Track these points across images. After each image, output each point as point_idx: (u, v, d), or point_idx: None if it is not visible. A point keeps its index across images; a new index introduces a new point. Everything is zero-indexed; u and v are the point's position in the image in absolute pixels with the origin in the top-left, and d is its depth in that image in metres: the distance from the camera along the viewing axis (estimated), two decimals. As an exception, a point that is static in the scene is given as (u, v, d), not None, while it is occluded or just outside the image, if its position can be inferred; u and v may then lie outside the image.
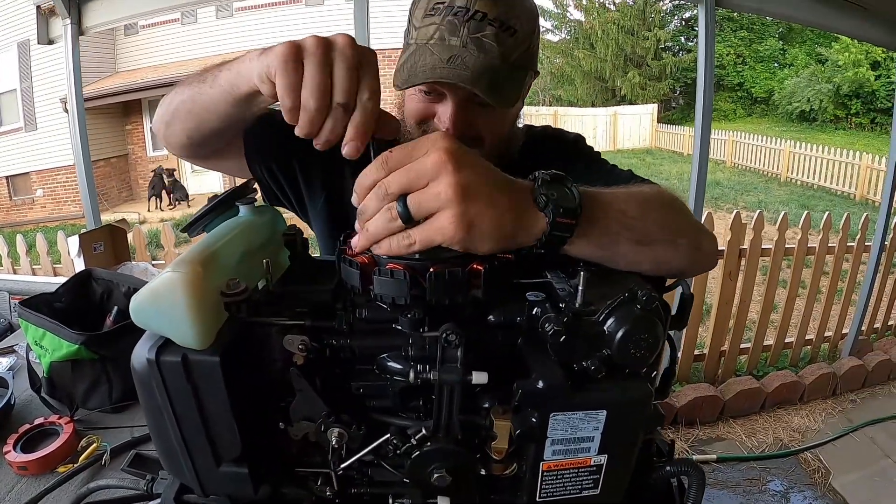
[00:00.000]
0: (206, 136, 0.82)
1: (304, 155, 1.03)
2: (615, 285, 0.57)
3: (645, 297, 0.50)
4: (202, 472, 0.61)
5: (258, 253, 0.64)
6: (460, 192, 0.51)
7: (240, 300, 0.53)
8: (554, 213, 0.56)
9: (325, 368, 0.58)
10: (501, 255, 0.57)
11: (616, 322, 0.51)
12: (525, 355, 0.54)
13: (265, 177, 1.04)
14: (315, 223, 1.12)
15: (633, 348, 0.51)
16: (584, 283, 0.52)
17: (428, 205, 0.52)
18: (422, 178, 0.52)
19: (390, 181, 0.52)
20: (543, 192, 0.56)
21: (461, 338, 0.49)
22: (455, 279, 0.52)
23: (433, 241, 0.52)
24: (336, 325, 0.57)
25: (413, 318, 0.52)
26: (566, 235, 0.58)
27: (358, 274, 0.54)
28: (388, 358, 0.56)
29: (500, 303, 0.56)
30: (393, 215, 0.52)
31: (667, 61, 20.09)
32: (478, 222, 0.52)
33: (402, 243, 0.53)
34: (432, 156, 0.51)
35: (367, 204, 0.54)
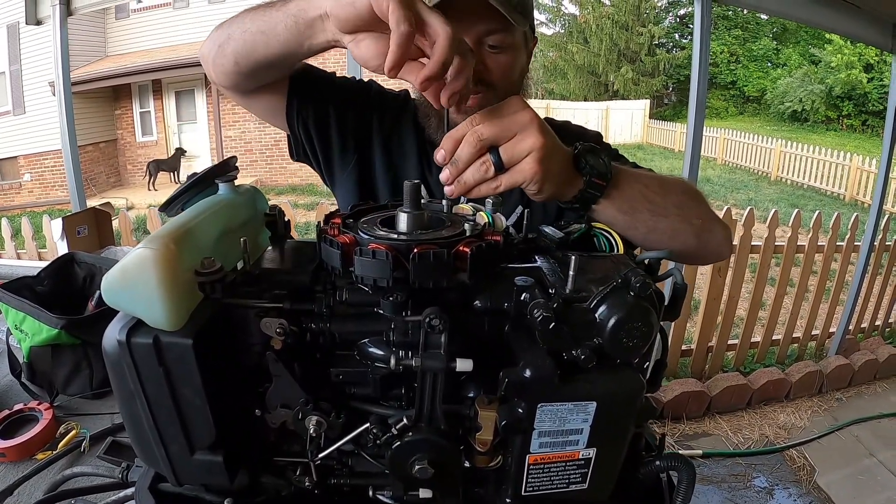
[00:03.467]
0: (254, 64, 0.83)
1: (342, 115, 1.05)
2: (608, 272, 0.55)
3: (639, 284, 0.48)
4: (176, 461, 0.59)
5: (237, 232, 0.61)
6: (545, 144, 0.62)
7: (214, 280, 0.51)
8: (590, 173, 0.69)
9: (303, 353, 0.56)
10: (489, 236, 0.55)
11: (608, 309, 0.49)
12: (512, 343, 0.52)
13: (298, 128, 1.03)
14: (340, 186, 1.11)
15: (626, 337, 0.49)
16: (576, 268, 0.49)
17: (520, 151, 0.62)
18: (511, 131, 0.62)
19: (484, 130, 0.61)
20: (584, 157, 0.70)
21: (445, 323, 0.47)
22: (440, 261, 0.49)
23: (516, 183, 0.63)
24: (315, 308, 0.54)
25: (395, 302, 0.49)
26: (596, 195, 0.70)
27: (339, 254, 0.52)
28: (369, 343, 0.54)
29: (486, 287, 0.53)
30: (488, 166, 0.62)
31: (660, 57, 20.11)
32: (551, 169, 0.64)
33: (490, 187, 0.63)
34: (521, 114, 0.62)
35: (462, 151, 0.62)
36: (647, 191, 0.75)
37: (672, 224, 0.77)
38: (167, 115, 12.94)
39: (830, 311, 4.09)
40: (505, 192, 0.64)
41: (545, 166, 0.62)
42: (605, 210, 0.72)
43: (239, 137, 12.44)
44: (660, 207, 0.75)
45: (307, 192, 11.12)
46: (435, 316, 0.46)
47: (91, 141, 12.08)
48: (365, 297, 0.53)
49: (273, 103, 1.00)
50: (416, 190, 0.56)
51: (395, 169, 1.09)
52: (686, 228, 0.79)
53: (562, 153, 0.67)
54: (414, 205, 0.56)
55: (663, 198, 0.76)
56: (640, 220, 0.75)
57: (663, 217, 0.76)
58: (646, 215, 0.75)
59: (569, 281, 0.50)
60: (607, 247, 0.70)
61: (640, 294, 0.49)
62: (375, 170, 1.09)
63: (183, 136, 12.90)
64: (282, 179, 12.20)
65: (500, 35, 0.95)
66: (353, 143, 1.07)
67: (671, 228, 0.77)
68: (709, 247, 0.84)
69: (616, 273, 0.52)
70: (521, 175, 0.62)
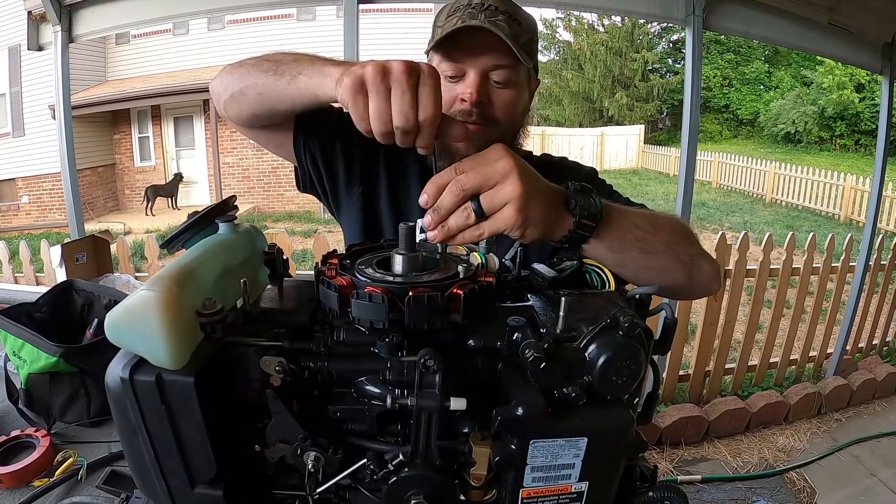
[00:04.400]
0: (269, 118, 0.91)
1: (347, 146, 1.08)
2: (598, 311, 0.57)
3: (627, 324, 0.50)
4: (176, 494, 0.60)
5: (237, 272, 0.63)
6: (524, 191, 0.63)
7: (215, 320, 0.53)
8: (580, 215, 0.70)
9: (302, 391, 0.57)
10: (482, 277, 0.56)
11: (597, 349, 0.51)
12: (505, 381, 0.54)
13: (306, 159, 1.07)
14: (345, 215, 1.14)
15: (615, 376, 0.51)
16: (566, 308, 0.51)
17: (499, 201, 0.63)
18: (492, 180, 0.63)
19: (465, 180, 0.63)
20: (574, 197, 0.70)
21: (439, 363, 0.48)
22: (434, 304, 0.51)
23: (498, 230, 0.64)
24: (314, 347, 0.56)
25: (391, 343, 0.51)
26: (586, 235, 0.71)
27: (336, 296, 0.54)
28: (365, 382, 0.56)
29: (480, 327, 0.55)
30: (469, 213, 0.63)
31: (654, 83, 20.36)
32: (532, 215, 0.64)
33: (474, 234, 0.64)
34: (502, 162, 0.63)
35: (444, 199, 0.63)
36: (637, 230, 0.76)
37: (661, 261, 0.79)
38: (166, 141, 13.00)
39: (827, 332, 4.08)
40: (489, 238, 0.66)
41: (524, 214, 0.64)
42: (595, 249, 0.73)
43: (236, 164, 12.50)
44: (650, 245, 0.77)
45: (304, 220, 11.15)
46: (429, 357, 0.48)
47: (89, 165, 12.12)
48: (361, 338, 0.54)
49: (281, 138, 1.04)
50: (411, 233, 0.58)
51: (399, 203, 1.12)
52: (675, 265, 0.81)
53: (546, 197, 0.68)
54: (409, 247, 0.59)
55: (653, 235, 0.77)
56: (629, 258, 0.76)
57: (653, 255, 0.77)
58: (636, 253, 0.76)
59: (559, 321, 0.52)
60: (599, 283, 0.72)
61: (628, 333, 0.51)
62: (380, 204, 1.12)
63: (181, 161, 12.96)
64: (279, 206, 12.24)
65: (505, 71, 0.99)
66: (358, 177, 1.10)
67: (660, 265, 0.79)
68: (698, 283, 0.86)
69: (606, 312, 0.54)
70: (501, 223, 0.64)
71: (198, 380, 0.53)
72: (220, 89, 0.91)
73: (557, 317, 0.52)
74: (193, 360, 0.54)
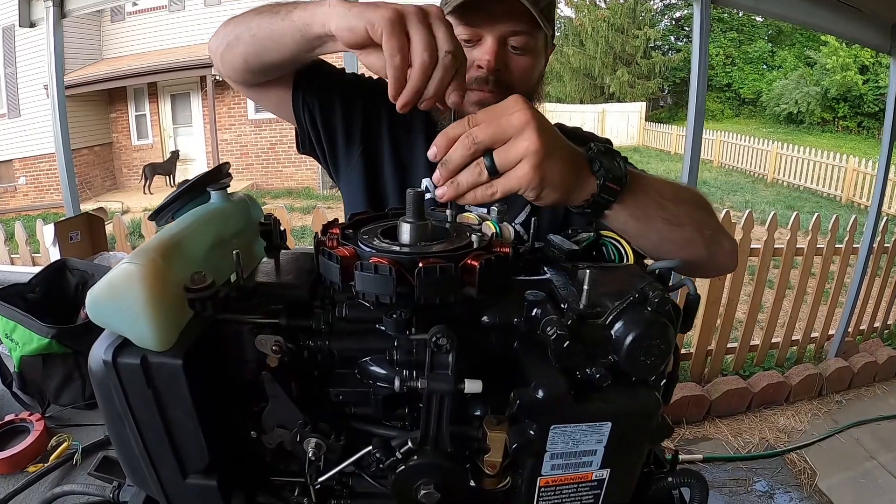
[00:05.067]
0: (263, 66, 0.86)
1: (348, 103, 1.03)
2: (623, 286, 0.52)
3: (657, 299, 0.45)
4: (168, 485, 0.56)
5: (229, 243, 0.58)
6: (542, 147, 0.57)
7: (205, 296, 0.48)
8: (605, 177, 0.64)
9: (301, 372, 0.53)
10: (498, 248, 0.52)
11: (625, 326, 0.46)
12: (522, 361, 0.49)
13: (305, 118, 1.02)
14: (345, 179, 1.09)
15: (643, 355, 0.46)
16: (590, 281, 0.47)
17: (513, 157, 0.57)
18: (507, 134, 0.57)
19: (478, 133, 0.57)
20: (598, 158, 0.65)
21: (453, 341, 0.44)
22: (447, 276, 0.46)
23: (512, 190, 0.58)
24: (313, 324, 0.51)
25: (398, 319, 0.46)
26: (610, 200, 0.65)
27: (338, 268, 0.49)
28: (370, 362, 0.51)
29: (495, 302, 0.51)
30: (481, 169, 0.58)
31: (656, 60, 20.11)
32: (549, 175, 0.59)
33: (486, 192, 0.59)
34: (518, 114, 0.58)
35: (454, 154, 0.58)
36: (661, 199, 0.71)
37: (684, 234, 0.74)
38: (163, 119, 12.86)
39: (829, 314, 4.07)
40: (503, 198, 0.61)
41: (541, 172, 0.58)
42: (618, 216, 0.68)
43: (234, 141, 12.38)
44: (673, 216, 0.72)
45: (303, 196, 11.07)
46: (442, 335, 0.43)
47: (86, 144, 12.00)
48: (366, 314, 0.50)
49: (280, 95, 0.99)
50: (419, 199, 0.53)
51: (403, 165, 1.07)
52: (697, 239, 0.76)
53: (566, 156, 0.62)
54: (417, 214, 0.53)
55: (676, 206, 0.72)
56: (653, 228, 0.71)
57: (676, 226, 0.73)
58: (659, 223, 0.71)
59: (583, 296, 0.47)
60: (616, 256, 0.67)
61: (658, 309, 0.46)
62: (383, 165, 1.07)
63: (178, 139, 12.83)
64: (277, 183, 12.15)
65: (524, 37, 0.95)
66: (359, 135, 1.05)
67: (683, 238, 0.74)
68: (716, 259, 0.82)
69: (631, 286, 0.49)
70: (516, 181, 0.58)
71: (187, 362, 0.49)
72: (217, 42, 0.88)
73: (580, 291, 0.47)
74: (182, 341, 0.50)
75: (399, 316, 0.46)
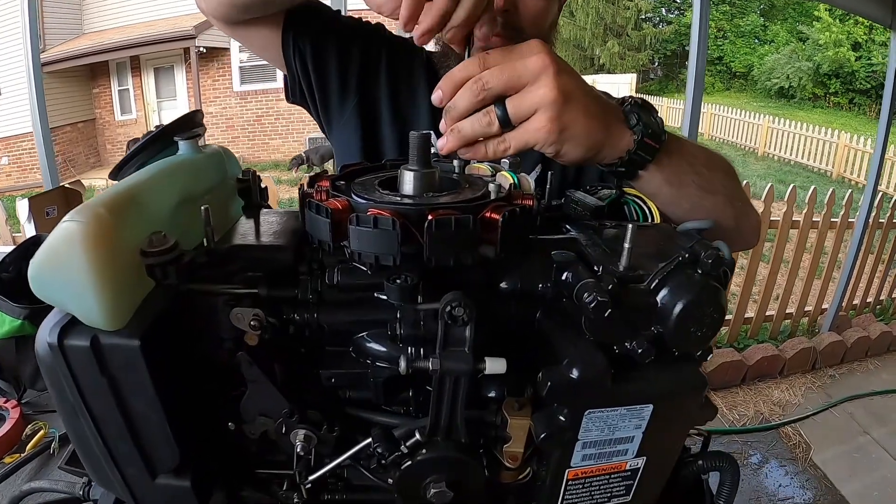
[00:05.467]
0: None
1: (344, 50, 0.94)
2: (661, 245, 0.44)
3: (711, 260, 0.38)
4: (135, 486, 0.48)
5: (201, 201, 0.49)
6: (560, 95, 0.50)
7: (166, 261, 0.39)
8: (643, 132, 0.56)
9: (286, 351, 0.45)
10: (520, 199, 0.44)
11: (673, 291, 0.38)
12: (550, 334, 0.41)
13: (295, 63, 0.92)
14: (338, 132, 0.99)
15: (694, 326, 0.39)
16: (632, 239, 0.39)
17: (528, 106, 0.50)
18: (522, 79, 0.50)
19: (489, 76, 0.50)
20: (636, 112, 0.57)
21: (471, 311, 0.36)
22: (464, 231, 0.38)
23: (527, 144, 0.51)
24: (299, 293, 0.43)
25: (403, 285, 0.38)
26: (647, 159, 0.58)
27: (328, 224, 0.40)
28: (368, 338, 0.43)
29: (516, 264, 0.43)
30: (491, 118, 0.50)
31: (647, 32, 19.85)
32: (572, 127, 0.51)
33: (497, 148, 0.51)
34: (535, 58, 0.50)
35: (460, 100, 0.50)
36: (696, 162, 0.64)
37: (717, 203, 0.67)
38: (146, 93, 12.55)
39: (823, 288, 4.05)
40: (515, 154, 0.53)
41: (561, 124, 0.50)
42: (652, 178, 0.60)
43: (220, 114, 12.11)
44: (707, 182, 0.65)
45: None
46: (458, 303, 0.35)
47: (69, 121, 11.69)
48: (363, 279, 0.41)
49: (268, 36, 0.89)
50: (424, 142, 0.45)
51: (403, 118, 0.97)
52: (728, 210, 0.70)
53: (591, 107, 0.54)
54: (422, 161, 0.45)
55: (710, 172, 0.66)
56: (685, 194, 0.64)
57: (709, 194, 0.66)
58: (693, 189, 0.64)
59: (623, 256, 0.39)
60: (641, 216, 0.60)
61: (711, 272, 0.38)
62: (381, 117, 0.97)
63: (163, 113, 12.52)
64: (264, 156, 11.92)
65: None
66: (354, 83, 0.95)
67: (715, 208, 0.67)
68: (743, 233, 0.75)
69: (673, 246, 0.41)
70: (530, 134, 0.51)
71: (146, 342, 0.41)
72: None
73: (619, 250, 0.39)
74: (140, 317, 0.41)
75: (404, 281, 0.37)
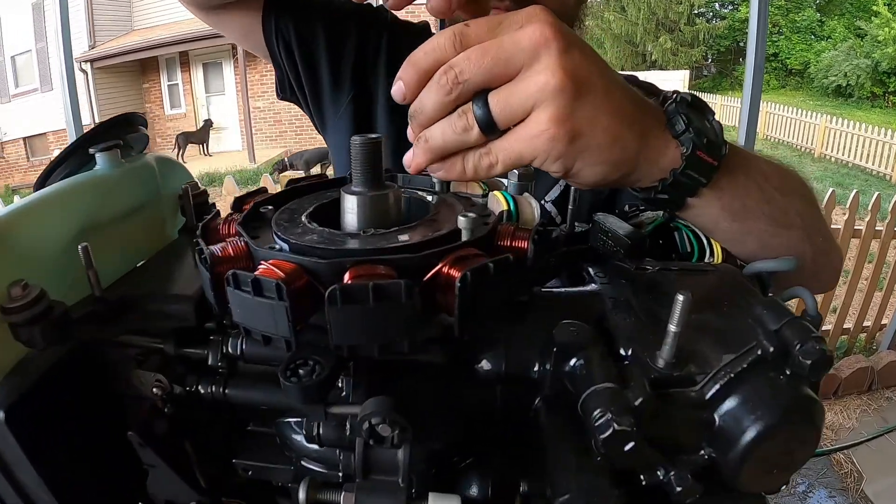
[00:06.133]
0: None
1: (336, 35, 0.80)
2: (731, 312, 0.30)
3: (811, 359, 0.24)
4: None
5: (117, 228, 0.39)
6: (570, 83, 0.34)
7: (27, 318, 0.29)
8: (695, 142, 0.38)
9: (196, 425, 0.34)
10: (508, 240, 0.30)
11: (744, 408, 0.24)
12: (547, 439, 0.28)
13: (280, 52, 0.79)
14: (333, 131, 0.86)
15: (772, 460, 0.25)
16: (683, 314, 0.25)
17: (521, 101, 0.34)
18: (512, 63, 0.34)
19: (465, 64, 0.34)
20: (684, 113, 0.39)
21: (405, 431, 0.23)
22: (389, 303, 0.24)
23: (521, 158, 0.35)
24: (210, 357, 0.32)
25: (303, 383, 0.25)
26: (701, 181, 0.40)
27: (209, 279, 0.28)
28: (293, 426, 0.31)
29: (498, 337, 0.30)
30: (469, 121, 0.35)
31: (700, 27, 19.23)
32: (588, 132, 0.35)
33: (479, 163, 0.36)
34: (529, 30, 0.34)
35: (426, 98, 0.36)
36: (768, 184, 0.46)
37: (791, 240, 0.49)
38: (195, 88, 12.86)
39: (884, 302, 3.76)
40: (504, 172, 0.38)
41: (570, 127, 0.34)
42: (707, 208, 0.43)
43: (268, 108, 12.26)
44: (780, 212, 0.47)
45: (338, 163, 10.96)
46: (381, 420, 0.23)
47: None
48: (270, 352, 0.29)
49: (248, 22, 0.77)
50: (371, 151, 0.32)
51: (402, 116, 0.81)
52: (806, 248, 0.51)
53: (617, 102, 0.37)
54: (368, 178, 0.32)
55: (784, 198, 0.47)
56: (752, 229, 0.46)
57: (784, 228, 0.48)
58: (762, 223, 0.46)
59: (667, 344, 0.25)
60: (696, 250, 0.45)
61: (808, 376, 0.25)
62: (377, 115, 0.83)
63: (211, 107, 12.82)
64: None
65: None
66: (349, 74, 0.81)
67: (789, 246, 0.49)
68: (820, 277, 0.58)
69: (742, 317, 0.28)
70: (524, 144, 0.35)
71: (13, 414, 0.31)
72: None
73: (663, 329, 0.26)
74: (9, 384, 0.32)
75: (307, 375, 0.25)
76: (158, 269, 0.38)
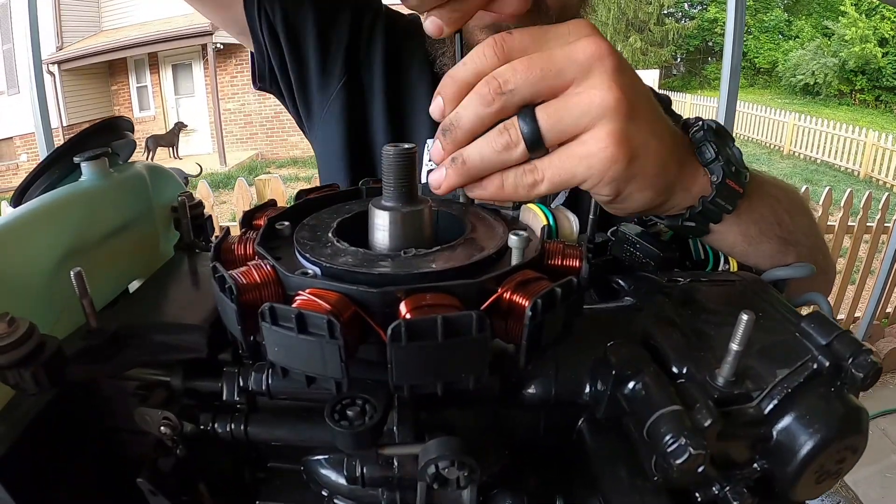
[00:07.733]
0: None
1: (326, 16, 0.74)
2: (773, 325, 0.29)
3: (866, 370, 0.23)
4: None
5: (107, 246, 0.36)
6: (625, 102, 0.32)
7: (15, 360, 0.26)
8: (725, 170, 0.39)
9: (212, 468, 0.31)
10: (560, 259, 0.28)
11: (803, 423, 0.24)
12: (594, 464, 0.27)
13: (263, 35, 0.73)
14: (319, 128, 0.79)
15: (825, 469, 0.24)
16: (745, 337, 0.23)
17: (575, 118, 0.32)
18: (563, 77, 0.32)
19: (510, 74, 0.31)
20: (712, 142, 0.39)
21: (473, 472, 0.21)
22: (462, 341, 0.22)
23: (572, 177, 0.33)
24: (225, 391, 0.29)
25: (355, 430, 0.22)
26: (727, 209, 0.40)
27: (234, 311, 0.24)
28: (323, 463, 0.29)
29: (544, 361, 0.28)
30: (512, 138, 0.32)
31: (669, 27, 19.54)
32: (642, 154, 0.33)
33: (523, 182, 0.33)
34: (583, 43, 0.32)
35: (463, 110, 0.32)
36: (779, 206, 0.47)
37: (798, 257, 0.51)
38: (164, 90, 12.61)
39: (856, 296, 3.84)
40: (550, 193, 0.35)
41: (629, 148, 0.32)
42: (727, 233, 0.43)
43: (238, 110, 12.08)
44: (789, 233, 0.48)
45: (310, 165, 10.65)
46: (450, 464, 0.21)
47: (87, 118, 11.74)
48: (300, 388, 0.26)
49: (228, 1, 0.72)
50: (409, 161, 0.29)
51: (399, 112, 0.77)
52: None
53: (660, 128, 0.36)
54: (404, 192, 0.29)
55: (792, 218, 0.49)
56: (763, 251, 0.47)
57: (792, 246, 0.49)
58: (774, 245, 0.47)
59: (727, 362, 0.24)
60: (711, 259, 0.45)
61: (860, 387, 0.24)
62: (372, 109, 0.77)
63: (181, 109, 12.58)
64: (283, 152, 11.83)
65: None
66: (342, 56, 0.75)
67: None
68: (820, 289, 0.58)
69: (785, 329, 0.27)
70: (576, 162, 0.32)
71: (3, 466, 0.28)
72: None
73: (723, 348, 0.24)
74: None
75: (359, 420, 0.22)
76: (157, 293, 0.35)
